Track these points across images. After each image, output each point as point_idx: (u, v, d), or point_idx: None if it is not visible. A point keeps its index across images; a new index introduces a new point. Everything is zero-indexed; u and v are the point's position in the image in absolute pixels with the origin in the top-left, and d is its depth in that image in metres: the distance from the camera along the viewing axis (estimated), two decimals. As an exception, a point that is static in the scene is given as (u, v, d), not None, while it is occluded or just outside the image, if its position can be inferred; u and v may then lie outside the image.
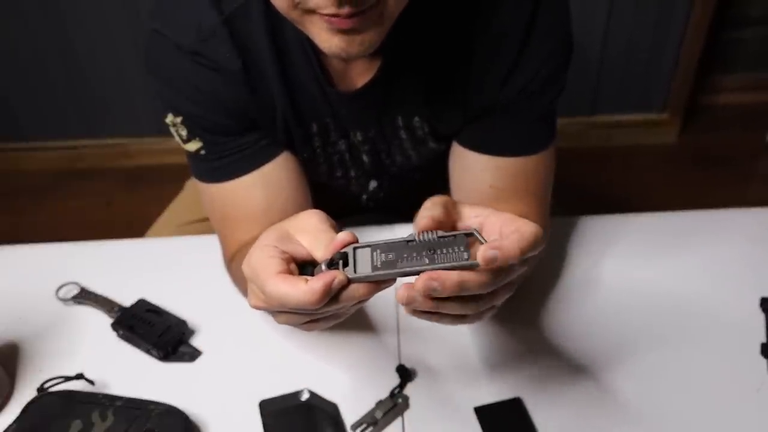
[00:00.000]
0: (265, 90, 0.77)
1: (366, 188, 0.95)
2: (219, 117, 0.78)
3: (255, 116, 0.79)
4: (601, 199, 2.13)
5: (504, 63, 0.75)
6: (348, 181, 0.93)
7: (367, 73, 0.77)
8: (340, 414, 0.74)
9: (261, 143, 0.80)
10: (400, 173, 0.92)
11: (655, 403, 0.74)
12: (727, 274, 0.88)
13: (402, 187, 0.96)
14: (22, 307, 0.88)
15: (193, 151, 0.81)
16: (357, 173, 0.91)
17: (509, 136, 0.80)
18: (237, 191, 0.81)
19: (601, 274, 0.90)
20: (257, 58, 0.75)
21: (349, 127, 0.83)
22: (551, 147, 0.82)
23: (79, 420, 0.69)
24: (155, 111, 2.46)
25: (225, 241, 0.85)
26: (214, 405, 0.75)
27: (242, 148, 0.80)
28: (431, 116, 0.81)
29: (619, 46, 2.16)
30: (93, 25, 2.06)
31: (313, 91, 0.78)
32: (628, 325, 0.83)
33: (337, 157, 0.87)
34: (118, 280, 0.90)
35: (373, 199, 0.98)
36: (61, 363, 0.81)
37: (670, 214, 0.99)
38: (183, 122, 0.79)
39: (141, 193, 2.22)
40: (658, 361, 0.78)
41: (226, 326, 0.85)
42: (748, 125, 2.35)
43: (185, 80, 0.76)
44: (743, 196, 2.07)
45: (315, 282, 0.51)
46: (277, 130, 0.81)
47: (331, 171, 0.90)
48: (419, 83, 0.78)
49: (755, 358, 0.78)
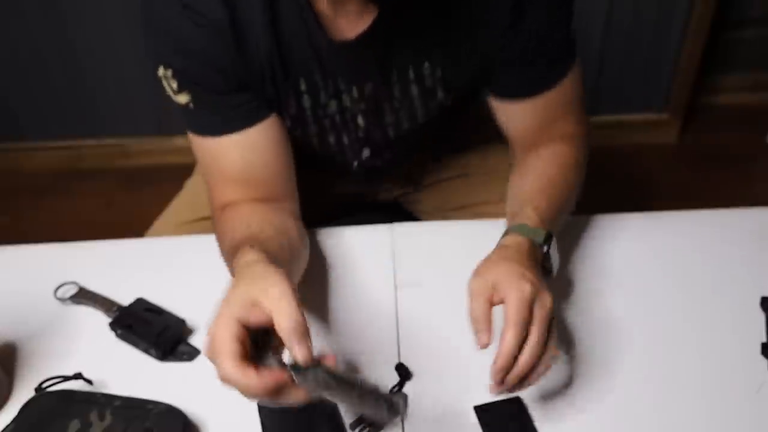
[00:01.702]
0: (253, 44, 0.78)
1: (359, 155, 0.96)
2: (207, 72, 0.80)
3: (243, 75, 0.80)
4: (601, 199, 2.13)
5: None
6: (341, 148, 0.93)
7: (362, 22, 0.77)
8: (340, 413, 0.74)
9: (247, 106, 0.83)
10: (396, 137, 0.92)
11: (655, 403, 0.74)
12: (727, 274, 0.88)
13: (395, 155, 0.97)
14: (21, 307, 0.88)
15: (182, 104, 0.83)
16: (350, 139, 0.91)
17: (536, 75, 0.85)
18: (219, 150, 0.84)
19: (601, 274, 0.89)
20: (246, 8, 0.76)
21: (344, 83, 0.83)
22: (575, 64, 0.87)
23: (77, 420, 0.69)
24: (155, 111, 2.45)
25: (210, 194, 0.89)
26: (212, 404, 0.75)
27: (228, 108, 0.82)
28: (443, 57, 0.83)
29: (620, 46, 2.16)
30: (93, 25, 2.06)
31: (303, 42, 0.79)
32: (628, 324, 0.83)
33: (328, 121, 0.88)
34: (116, 280, 0.90)
35: (366, 166, 0.98)
36: (59, 363, 0.81)
37: (670, 214, 0.98)
38: (173, 75, 0.81)
39: (140, 193, 2.22)
40: (658, 360, 0.78)
41: (225, 326, 0.84)
42: (748, 125, 2.35)
43: (175, 34, 0.78)
44: (743, 196, 2.07)
45: (264, 377, 0.58)
46: (265, 90, 0.82)
47: (323, 136, 0.90)
48: (422, 25, 0.80)
49: (756, 358, 0.78)
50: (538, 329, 0.67)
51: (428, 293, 0.87)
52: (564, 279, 0.88)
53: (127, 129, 2.31)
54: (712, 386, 0.75)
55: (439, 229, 1.01)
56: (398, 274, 0.90)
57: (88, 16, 2.04)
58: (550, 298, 0.69)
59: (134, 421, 0.69)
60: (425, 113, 0.89)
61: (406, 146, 0.97)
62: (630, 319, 0.83)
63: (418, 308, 0.85)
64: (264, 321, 0.60)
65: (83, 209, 2.21)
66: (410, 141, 0.95)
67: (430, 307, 0.85)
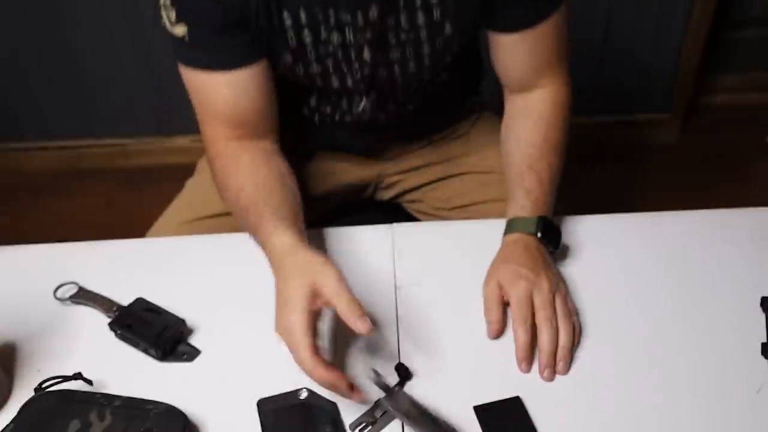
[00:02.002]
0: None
1: (364, 100, 0.97)
2: (206, 3, 0.82)
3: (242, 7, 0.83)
4: (601, 199, 2.13)
5: None
6: (345, 89, 0.95)
7: None
8: (339, 413, 0.74)
9: (243, 48, 0.86)
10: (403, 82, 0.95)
11: (655, 403, 0.74)
12: (727, 274, 0.88)
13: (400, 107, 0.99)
14: (21, 307, 0.88)
15: (179, 36, 0.85)
16: (354, 80, 0.93)
17: (532, 7, 0.89)
18: (210, 86, 0.88)
19: (601, 274, 0.89)
20: None
21: (346, 12, 0.84)
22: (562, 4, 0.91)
23: (77, 420, 0.69)
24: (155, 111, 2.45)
25: (202, 128, 0.93)
26: (213, 404, 0.75)
27: (223, 45, 0.85)
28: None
29: (620, 46, 2.16)
30: (92, 25, 2.06)
31: None
32: (628, 324, 0.83)
33: (331, 60, 0.90)
34: (116, 280, 0.90)
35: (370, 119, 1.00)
36: (59, 363, 0.81)
37: (670, 214, 0.98)
38: (172, 4, 0.83)
39: (140, 194, 2.22)
40: (658, 360, 0.78)
41: (225, 325, 0.85)
42: (748, 125, 2.35)
43: None
44: (743, 196, 2.07)
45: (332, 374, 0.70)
46: (263, 23, 0.84)
47: (326, 78, 0.93)
48: None
49: (756, 358, 0.78)
50: (542, 313, 0.79)
51: (428, 293, 0.87)
52: (564, 278, 0.88)
53: (127, 129, 2.31)
54: (712, 387, 0.75)
55: (439, 229, 1.01)
56: (398, 274, 0.90)
57: (87, 16, 2.04)
58: (547, 282, 0.81)
59: (134, 421, 0.69)
60: (432, 51, 0.91)
61: (411, 99, 0.99)
62: (630, 319, 0.83)
63: (418, 308, 0.85)
64: (323, 307, 0.73)
65: (83, 209, 2.21)
66: (416, 92, 0.98)
67: (430, 307, 0.85)
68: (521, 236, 0.86)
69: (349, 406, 0.74)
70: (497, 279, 0.83)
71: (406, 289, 0.88)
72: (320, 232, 0.98)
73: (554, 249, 0.88)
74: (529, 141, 0.94)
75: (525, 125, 0.96)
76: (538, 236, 0.86)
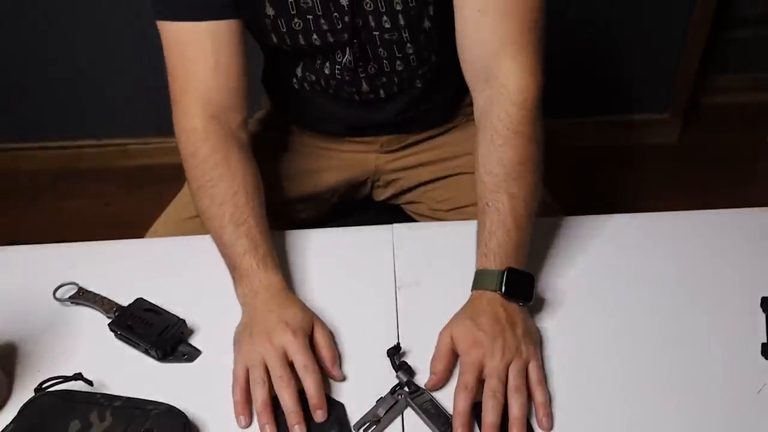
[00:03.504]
0: None
1: (341, 63, 0.97)
2: None
3: None
4: (601, 199, 2.13)
5: None
6: (329, 48, 0.95)
7: None
8: (346, 413, 0.74)
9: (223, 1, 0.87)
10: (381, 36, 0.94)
11: (654, 403, 0.74)
12: (728, 274, 0.88)
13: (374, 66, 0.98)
14: (20, 308, 0.88)
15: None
16: (334, 31, 0.93)
17: None
18: (191, 35, 0.89)
19: (600, 274, 0.89)
20: None
21: None
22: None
23: (78, 420, 0.69)
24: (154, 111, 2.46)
25: (174, 108, 0.93)
26: (213, 405, 0.75)
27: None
28: None
29: (620, 46, 2.16)
30: (92, 25, 2.06)
31: None
32: (628, 325, 0.83)
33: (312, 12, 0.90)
34: (116, 280, 0.90)
35: (344, 91, 1.01)
36: (59, 363, 0.81)
37: (670, 214, 0.98)
38: None
39: (140, 194, 2.22)
40: (658, 360, 0.78)
41: (226, 325, 0.84)
42: (748, 125, 2.35)
43: None
44: (743, 196, 2.07)
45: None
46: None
47: (307, 33, 0.93)
48: None
49: (756, 359, 0.78)
50: (490, 382, 0.72)
51: (428, 293, 0.87)
52: (562, 279, 0.88)
53: (127, 129, 2.31)
54: (712, 387, 0.75)
55: (439, 229, 1.01)
56: (398, 274, 0.90)
57: (87, 16, 2.04)
58: (502, 350, 0.74)
59: (134, 421, 0.69)
60: (404, 8, 0.90)
61: (394, 67, 0.98)
62: (630, 319, 0.83)
63: (418, 308, 0.85)
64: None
65: (83, 209, 2.21)
66: (398, 59, 0.97)
67: (430, 307, 0.85)
68: (485, 293, 0.79)
69: (348, 405, 0.74)
70: (452, 333, 0.77)
71: (407, 289, 0.88)
72: (320, 233, 0.98)
73: (524, 303, 0.80)
74: (485, 167, 0.84)
75: (480, 145, 0.86)
76: (501, 292, 0.78)
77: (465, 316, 0.78)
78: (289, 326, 0.76)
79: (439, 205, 1.12)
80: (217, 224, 0.86)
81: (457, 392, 0.72)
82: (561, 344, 0.80)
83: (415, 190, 1.16)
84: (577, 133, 2.31)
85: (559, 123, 2.27)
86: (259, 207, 0.89)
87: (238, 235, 0.84)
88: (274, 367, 0.74)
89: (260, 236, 0.85)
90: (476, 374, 0.73)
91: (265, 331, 0.76)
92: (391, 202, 1.20)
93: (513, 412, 0.71)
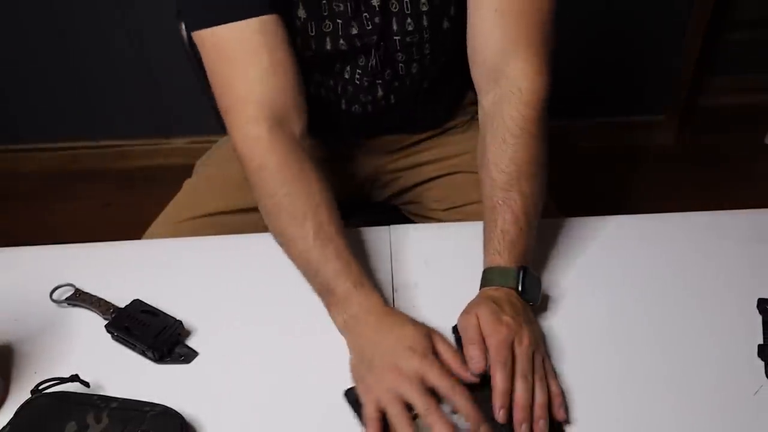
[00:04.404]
0: None
1: (363, 64, 0.96)
2: None
3: None
4: (601, 199, 2.13)
5: None
6: (350, 48, 0.93)
7: None
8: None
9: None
10: (401, 44, 0.93)
11: (651, 405, 0.74)
12: (725, 275, 0.88)
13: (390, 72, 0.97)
14: (17, 309, 0.88)
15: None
16: (363, 32, 0.91)
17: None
18: (237, 37, 0.82)
19: (600, 274, 0.89)
20: None
21: None
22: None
23: (74, 422, 0.69)
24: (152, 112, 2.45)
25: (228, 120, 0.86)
26: (210, 406, 0.75)
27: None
28: None
29: (618, 47, 2.16)
30: (90, 26, 2.06)
31: None
32: (627, 325, 0.83)
33: (342, 12, 0.89)
34: (113, 282, 0.90)
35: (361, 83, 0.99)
36: (55, 365, 0.80)
37: (670, 214, 0.98)
38: None
39: (138, 195, 2.22)
40: (655, 361, 0.78)
41: (223, 327, 0.84)
42: (746, 126, 2.35)
43: None
44: (741, 197, 2.07)
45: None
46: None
47: (335, 36, 0.91)
48: None
49: (752, 360, 0.78)
50: (520, 365, 0.71)
51: (425, 294, 0.87)
52: (562, 279, 0.88)
53: (125, 131, 2.31)
54: (708, 388, 0.75)
55: (437, 230, 1.01)
56: (396, 275, 0.90)
57: (85, 18, 2.04)
58: (528, 337, 0.73)
59: (131, 423, 0.69)
60: (429, 9, 0.90)
61: (410, 71, 0.98)
62: (626, 320, 0.83)
63: (415, 309, 0.85)
64: None
65: (80, 211, 2.21)
66: (416, 61, 0.96)
67: (428, 308, 0.85)
68: (498, 290, 0.78)
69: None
70: (477, 314, 0.75)
71: (404, 290, 0.88)
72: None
73: (533, 302, 0.80)
74: (497, 165, 0.84)
75: (491, 144, 0.86)
76: (519, 291, 0.78)
77: (485, 300, 0.76)
78: (415, 351, 0.71)
79: (436, 205, 1.12)
80: (302, 246, 0.80)
81: (496, 370, 0.70)
82: (558, 345, 0.80)
83: (413, 190, 1.16)
84: (576, 134, 2.31)
85: (557, 124, 2.26)
86: (340, 222, 0.83)
87: (327, 257, 0.79)
88: (417, 400, 0.68)
89: (350, 255, 0.80)
90: (511, 351, 0.71)
91: (390, 362, 0.71)
92: (388, 202, 1.20)
93: (538, 399, 0.70)
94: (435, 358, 0.71)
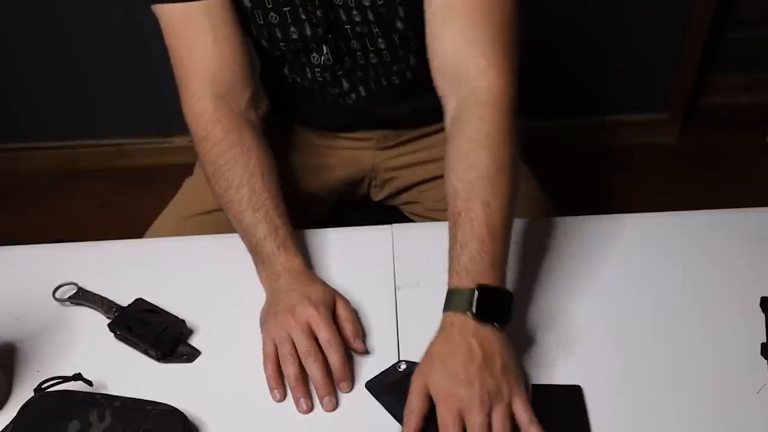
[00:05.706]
0: None
1: (320, 59, 0.98)
2: None
3: None
4: (601, 199, 2.13)
5: None
6: (305, 43, 0.95)
7: None
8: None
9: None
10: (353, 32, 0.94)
11: (654, 404, 0.74)
12: (727, 274, 0.88)
13: (350, 61, 0.98)
14: (20, 308, 0.88)
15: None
16: (311, 24, 0.93)
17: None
18: (186, 16, 0.90)
19: (600, 274, 0.89)
20: None
21: None
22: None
23: (77, 420, 0.69)
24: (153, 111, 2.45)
25: (181, 92, 0.93)
26: (212, 405, 0.75)
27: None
28: None
29: (619, 46, 2.16)
30: (90, 25, 2.06)
31: None
32: (627, 325, 0.83)
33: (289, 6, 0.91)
34: (115, 281, 0.90)
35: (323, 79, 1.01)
36: (58, 363, 0.81)
37: (670, 214, 0.98)
38: None
39: (138, 194, 2.21)
40: (657, 361, 0.78)
41: (225, 325, 0.85)
42: (747, 126, 2.35)
43: None
44: (742, 196, 2.07)
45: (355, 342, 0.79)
46: None
47: (284, 26, 0.94)
48: None
49: (755, 359, 0.78)
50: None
51: (428, 294, 0.87)
52: (562, 279, 0.88)
53: (126, 129, 2.31)
54: (711, 387, 0.75)
55: (438, 229, 1.01)
56: (398, 274, 0.90)
57: (85, 16, 2.04)
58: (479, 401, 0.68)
59: (134, 421, 0.69)
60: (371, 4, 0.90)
61: (368, 62, 0.98)
62: (628, 320, 0.83)
63: (417, 308, 0.85)
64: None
65: (82, 209, 2.21)
66: (372, 53, 0.97)
67: (430, 307, 0.85)
68: (456, 316, 0.72)
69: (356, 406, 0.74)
70: (425, 380, 0.71)
71: (406, 289, 0.88)
72: (319, 234, 0.98)
73: (499, 324, 0.73)
74: (457, 173, 0.79)
75: (450, 151, 0.81)
76: (473, 314, 0.71)
77: (437, 358, 0.72)
78: (311, 301, 0.78)
79: (436, 205, 1.12)
80: (236, 209, 0.88)
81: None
82: (559, 345, 0.80)
83: (411, 190, 1.16)
84: (576, 134, 2.31)
85: (557, 123, 2.27)
86: (275, 188, 0.90)
87: (258, 220, 0.86)
88: (300, 342, 0.76)
89: (279, 219, 0.87)
90: (459, 427, 0.68)
91: (288, 307, 0.79)
92: (388, 202, 1.20)
93: None
94: (329, 314, 0.79)
